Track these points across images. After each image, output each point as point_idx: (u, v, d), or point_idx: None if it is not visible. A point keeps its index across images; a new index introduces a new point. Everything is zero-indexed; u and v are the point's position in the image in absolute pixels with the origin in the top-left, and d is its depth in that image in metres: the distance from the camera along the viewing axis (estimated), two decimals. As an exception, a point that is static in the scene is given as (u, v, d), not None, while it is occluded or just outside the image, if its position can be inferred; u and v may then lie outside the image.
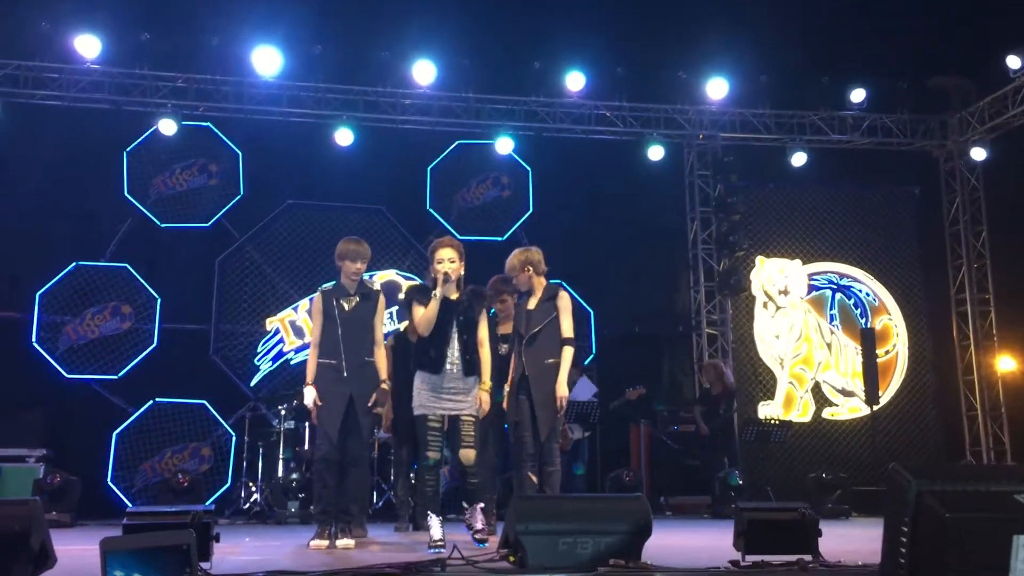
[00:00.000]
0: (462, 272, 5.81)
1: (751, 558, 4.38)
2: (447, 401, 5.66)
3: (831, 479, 9.85)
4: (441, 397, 5.65)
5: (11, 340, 10.40)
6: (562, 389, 6.10)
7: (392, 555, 5.37)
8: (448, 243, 5.89)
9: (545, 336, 6.18)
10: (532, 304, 6.28)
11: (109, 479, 10.15)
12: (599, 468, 10.22)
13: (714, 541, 5.67)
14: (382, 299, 6.26)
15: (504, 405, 6.47)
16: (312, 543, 5.82)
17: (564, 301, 6.29)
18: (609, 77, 11.94)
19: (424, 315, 5.68)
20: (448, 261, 5.72)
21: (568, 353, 6.16)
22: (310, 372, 6.05)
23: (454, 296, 5.77)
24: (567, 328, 6.21)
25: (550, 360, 6.15)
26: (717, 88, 11.98)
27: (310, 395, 5.98)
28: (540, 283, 6.35)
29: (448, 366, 5.66)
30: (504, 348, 6.83)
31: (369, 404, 6.05)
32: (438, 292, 5.65)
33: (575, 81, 11.67)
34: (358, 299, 6.10)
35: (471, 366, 5.72)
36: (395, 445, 8.19)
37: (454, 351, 5.68)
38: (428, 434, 5.63)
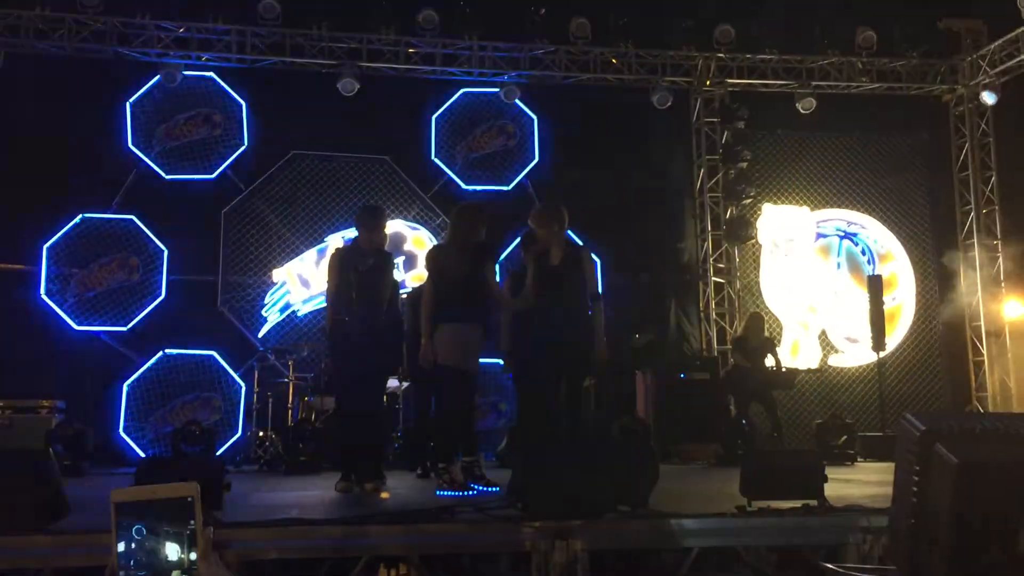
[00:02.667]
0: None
1: (758, 503, 4.43)
2: (472, 352, 5.87)
3: (837, 425, 9.90)
4: (468, 349, 5.84)
5: (20, 292, 10.44)
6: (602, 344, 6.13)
7: (406, 501, 5.44)
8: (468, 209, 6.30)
9: (571, 289, 6.12)
10: (556, 259, 6.18)
11: (121, 430, 10.26)
12: (605, 415, 10.28)
13: (721, 487, 5.72)
14: (393, 261, 6.49)
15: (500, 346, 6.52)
16: (338, 486, 6.08)
17: (589, 256, 6.38)
18: (615, 23, 11.78)
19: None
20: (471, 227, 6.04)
21: (600, 308, 6.19)
22: (329, 326, 6.24)
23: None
24: (595, 284, 6.36)
25: (579, 313, 6.11)
26: (724, 34, 11.82)
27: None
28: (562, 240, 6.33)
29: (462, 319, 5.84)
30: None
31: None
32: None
33: (580, 27, 11.53)
34: (372, 260, 6.25)
35: (475, 315, 5.89)
36: (414, 394, 8.27)
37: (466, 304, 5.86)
38: (453, 384, 5.88)
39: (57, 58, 10.89)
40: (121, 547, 1.23)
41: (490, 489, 5.76)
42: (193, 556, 1.24)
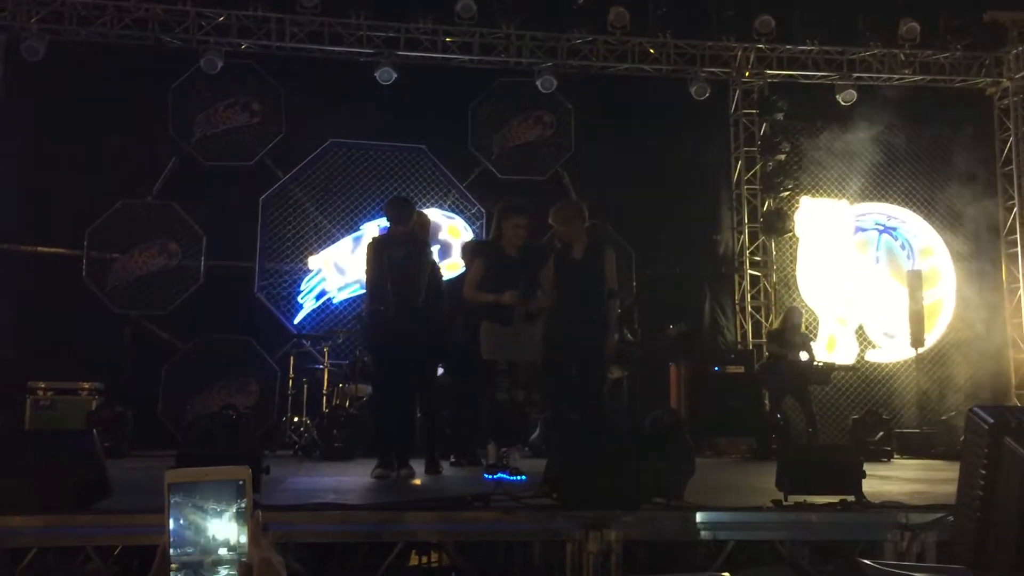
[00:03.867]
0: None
1: (794, 498, 4.40)
2: (513, 348, 6.10)
3: (873, 421, 9.80)
4: (508, 345, 6.09)
5: (62, 276, 10.60)
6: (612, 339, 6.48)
7: (441, 488, 5.47)
8: (519, 209, 6.37)
9: (591, 282, 6.30)
10: (579, 253, 6.33)
11: (159, 412, 10.39)
12: (638, 407, 10.25)
13: (756, 481, 5.69)
14: (428, 248, 6.72)
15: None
16: (375, 472, 6.23)
17: (612, 251, 6.55)
18: (653, 12, 11.70)
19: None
20: (523, 229, 6.20)
21: (615, 304, 6.52)
22: (366, 315, 6.54)
23: (514, 253, 6.20)
24: (614, 280, 6.46)
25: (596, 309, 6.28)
26: (764, 24, 11.70)
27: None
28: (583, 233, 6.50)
29: (514, 318, 6.06)
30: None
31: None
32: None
33: (619, 16, 11.46)
34: (405, 249, 6.39)
35: (533, 316, 6.12)
36: (455, 384, 8.26)
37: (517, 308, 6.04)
38: (496, 377, 6.14)
39: (99, 46, 11.01)
40: (172, 525, 1.26)
41: (517, 478, 5.88)
42: (243, 538, 1.27)
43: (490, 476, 5.94)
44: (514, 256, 6.18)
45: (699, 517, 4.15)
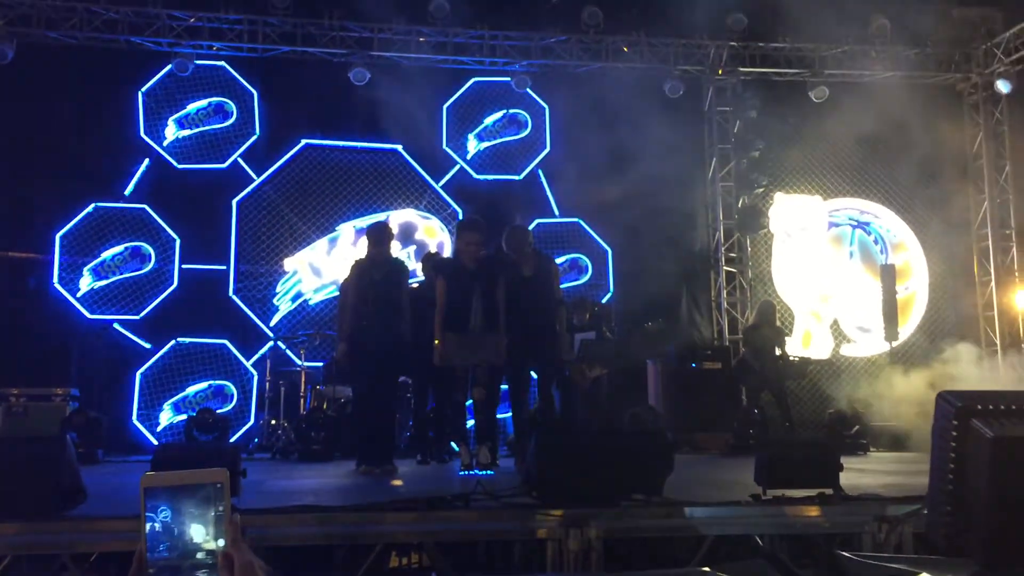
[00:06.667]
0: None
1: (772, 492, 4.42)
2: (468, 353, 6.60)
3: (849, 415, 9.87)
4: (467, 350, 6.58)
5: (33, 281, 10.48)
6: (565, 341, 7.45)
7: (420, 489, 5.45)
8: (473, 226, 6.98)
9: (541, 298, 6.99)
10: (528, 272, 7.02)
11: (134, 417, 10.30)
12: (617, 405, 10.26)
13: (735, 476, 5.71)
14: (406, 270, 7.38)
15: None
16: (360, 469, 6.76)
17: (556, 267, 7.46)
18: (627, 11, 11.73)
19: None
20: (476, 245, 6.77)
21: (564, 312, 7.33)
22: (343, 331, 7.00)
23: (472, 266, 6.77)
24: (559, 291, 7.32)
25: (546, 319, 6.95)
26: (737, 22, 11.76)
27: (343, 350, 7.02)
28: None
29: (471, 326, 6.57)
30: None
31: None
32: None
33: (592, 15, 11.48)
34: (385, 270, 7.03)
35: (491, 324, 6.61)
36: (414, 388, 8.43)
37: (476, 314, 6.57)
38: (456, 380, 6.81)
39: (69, 48, 10.90)
40: (149, 530, 1.25)
41: (486, 472, 6.33)
42: (221, 542, 1.26)
43: (464, 473, 6.39)
44: (472, 268, 6.76)
45: (678, 513, 4.15)
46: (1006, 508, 1.89)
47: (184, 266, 10.88)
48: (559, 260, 10.69)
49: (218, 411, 9.79)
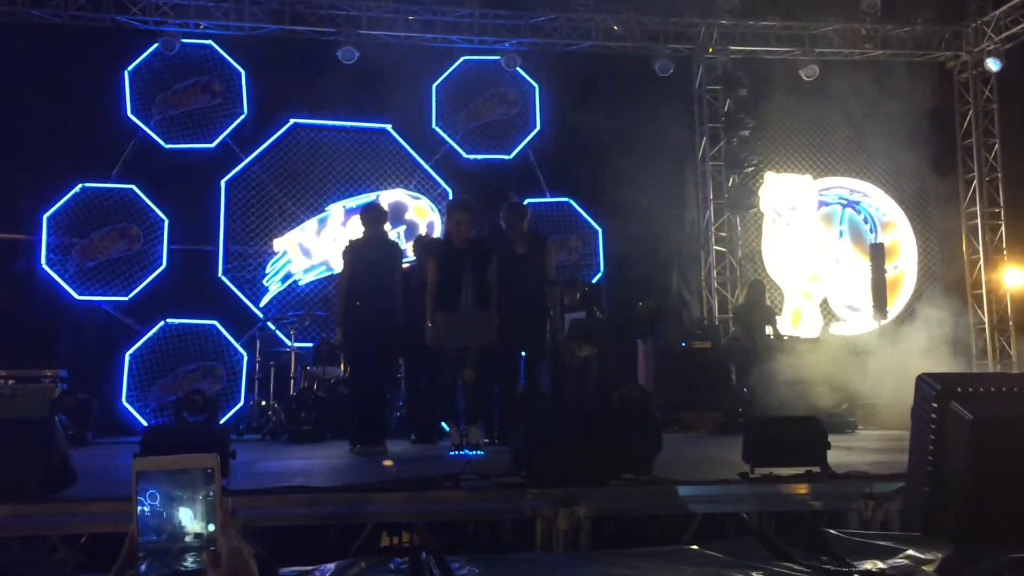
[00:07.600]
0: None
1: (760, 470, 4.44)
2: (460, 334, 6.55)
3: (836, 393, 9.91)
4: (459, 331, 6.54)
5: (21, 263, 10.43)
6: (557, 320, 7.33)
7: (410, 469, 5.47)
8: (463, 206, 6.90)
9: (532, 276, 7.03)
10: (521, 249, 7.09)
11: (124, 399, 10.29)
12: (607, 384, 10.28)
13: (723, 454, 5.74)
14: (400, 251, 7.48)
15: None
16: (354, 449, 6.76)
17: (551, 245, 7.39)
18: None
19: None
20: (466, 224, 6.68)
21: (556, 291, 7.30)
22: (340, 313, 7.03)
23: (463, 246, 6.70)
24: (553, 270, 7.31)
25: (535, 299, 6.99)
26: (727, 0, 11.72)
27: (340, 333, 7.10)
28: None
29: (462, 306, 6.54)
30: None
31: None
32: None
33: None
34: (379, 251, 7.06)
35: (483, 303, 6.58)
36: (406, 369, 8.43)
37: (467, 293, 6.53)
38: (446, 361, 6.68)
39: (54, 27, 10.79)
40: (140, 513, 1.26)
41: (476, 453, 6.34)
42: (211, 526, 1.28)
43: (454, 453, 6.39)
44: (462, 247, 6.70)
45: (667, 492, 4.18)
46: (984, 489, 1.91)
47: (173, 247, 10.83)
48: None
49: (208, 392, 9.78)
